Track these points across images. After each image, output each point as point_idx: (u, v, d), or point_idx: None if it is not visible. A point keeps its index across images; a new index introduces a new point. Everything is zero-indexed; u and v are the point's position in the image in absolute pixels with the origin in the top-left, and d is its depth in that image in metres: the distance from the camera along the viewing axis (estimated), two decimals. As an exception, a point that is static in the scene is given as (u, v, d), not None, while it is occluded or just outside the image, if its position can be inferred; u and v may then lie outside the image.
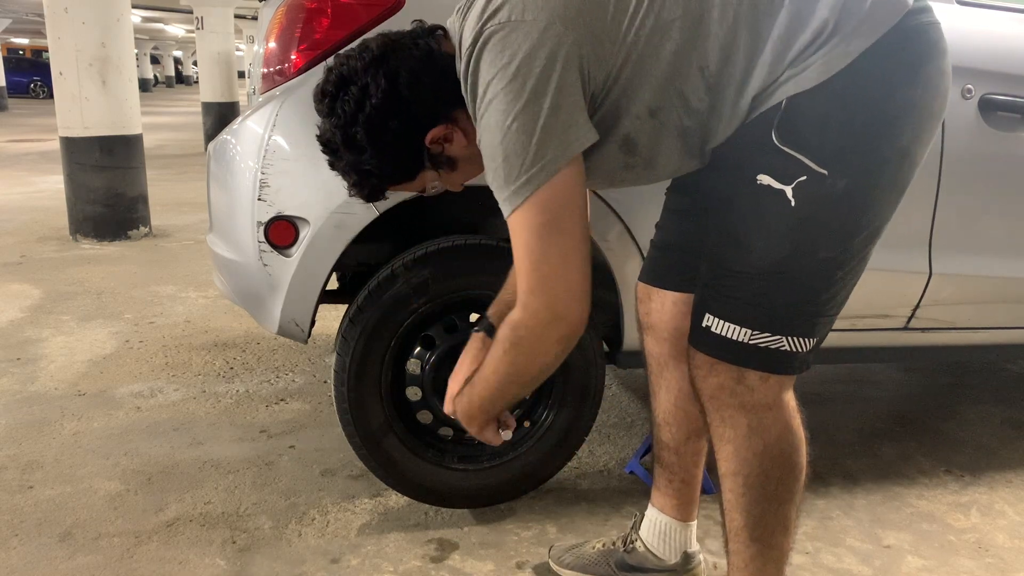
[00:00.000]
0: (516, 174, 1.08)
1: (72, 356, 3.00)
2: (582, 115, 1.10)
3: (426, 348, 1.85)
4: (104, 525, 1.88)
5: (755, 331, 1.17)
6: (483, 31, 1.08)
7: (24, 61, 29.08)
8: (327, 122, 1.21)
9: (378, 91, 1.15)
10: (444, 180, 1.28)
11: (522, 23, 1.06)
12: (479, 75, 1.09)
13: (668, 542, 1.61)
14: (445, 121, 1.20)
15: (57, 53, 4.78)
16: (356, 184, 1.24)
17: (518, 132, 1.06)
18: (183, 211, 6.01)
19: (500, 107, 1.07)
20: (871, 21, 1.08)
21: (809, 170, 1.10)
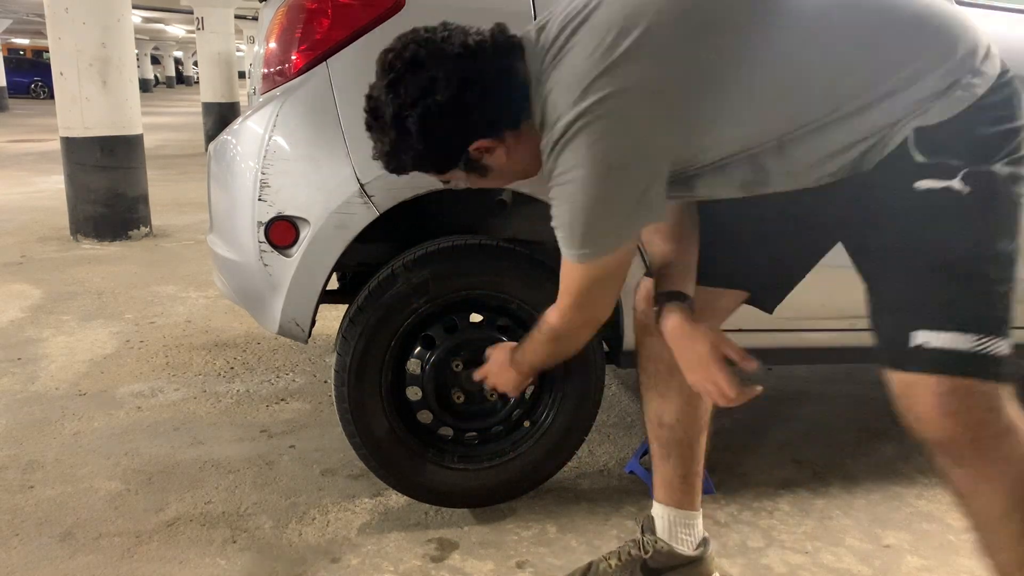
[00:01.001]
0: (589, 244, 1.19)
1: (73, 356, 3.00)
2: (662, 198, 1.18)
3: (426, 348, 1.86)
4: (105, 525, 1.88)
5: (976, 335, 1.11)
6: (586, 114, 1.11)
7: (25, 61, 29.08)
8: (385, 93, 1.20)
9: (445, 90, 1.16)
10: (470, 182, 1.33)
11: (629, 119, 1.11)
12: (568, 153, 1.14)
13: (688, 533, 1.61)
14: (494, 136, 1.23)
15: (57, 53, 4.78)
16: (386, 155, 1.26)
17: (603, 213, 1.16)
18: (183, 211, 6.01)
19: (590, 189, 1.14)
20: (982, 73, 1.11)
21: (967, 165, 1.10)
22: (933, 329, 1.13)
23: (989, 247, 1.12)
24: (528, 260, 1.80)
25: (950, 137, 1.10)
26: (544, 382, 1.92)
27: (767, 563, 1.76)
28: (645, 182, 1.15)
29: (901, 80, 1.11)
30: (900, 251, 1.17)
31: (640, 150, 1.12)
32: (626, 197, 1.15)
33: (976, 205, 1.10)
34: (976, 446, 1.14)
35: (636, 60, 1.11)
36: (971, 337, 1.11)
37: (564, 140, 1.14)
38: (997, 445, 1.14)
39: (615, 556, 1.66)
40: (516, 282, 1.80)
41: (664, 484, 1.62)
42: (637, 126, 1.11)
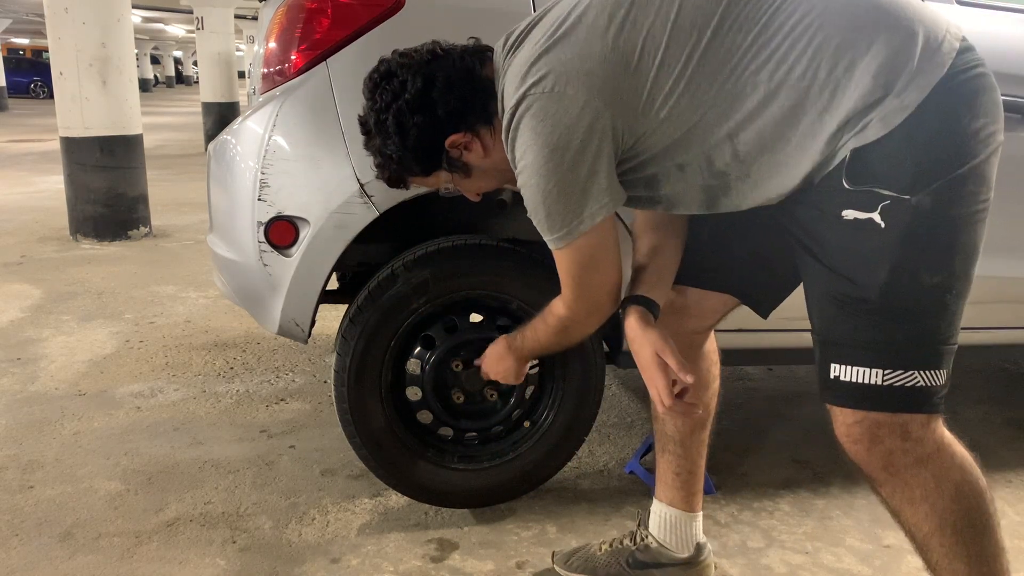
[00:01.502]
0: (558, 227, 1.24)
1: (72, 356, 3.00)
2: (614, 180, 1.23)
3: (426, 348, 1.85)
4: (104, 525, 1.88)
5: (886, 370, 1.14)
6: (526, 96, 1.18)
7: (24, 61, 29.08)
8: (367, 105, 1.34)
9: (413, 88, 1.27)
10: (457, 184, 1.39)
11: (564, 96, 1.16)
12: (519, 137, 1.20)
13: (680, 535, 1.62)
14: (466, 130, 1.30)
15: (57, 53, 4.78)
16: (380, 166, 1.37)
17: (558, 195, 1.20)
18: (183, 211, 6.01)
19: (541, 171, 1.19)
20: (921, 75, 1.09)
21: (891, 196, 1.10)
22: (846, 363, 1.17)
23: (909, 281, 1.12)
24: (528, 260, 1.80)
25: (881, 162, 1.10)
26: (544, 382, 1.92)
27: (767, 563, 1.76)
28: (589, 162, 1.18)
29: (838, 72, 1.10)
30: (825, 279, 1.18)
31: (578, 130, 1.16)
32: (575, 178, 1.19)
33: (893, 240, 1.11)
34: (891, 472, 1.19)
35: (568, 42, 1.17)
36: (882, 372, 1.14)
37: (512, 126, 1.21)
38: (917, 471, 1.18)
39: (609, 543, 1.69)
40: (516, 282, 1.80)
41: (661, 480, 1.64)
42: (572, 106, 1.15)
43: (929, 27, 1.12)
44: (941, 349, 1.15)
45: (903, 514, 1.22)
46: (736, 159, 1.18)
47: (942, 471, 1.18)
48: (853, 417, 1.18)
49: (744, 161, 1.18)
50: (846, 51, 1.11)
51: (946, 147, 1.11)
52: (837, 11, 1.13)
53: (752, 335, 1.92)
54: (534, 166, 1.19)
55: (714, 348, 1.58)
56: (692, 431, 1.57)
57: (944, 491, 1.18)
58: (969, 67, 1.13)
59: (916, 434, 1.17)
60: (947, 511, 1.18)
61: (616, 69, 1.16)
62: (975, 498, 1.19)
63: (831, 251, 1.17)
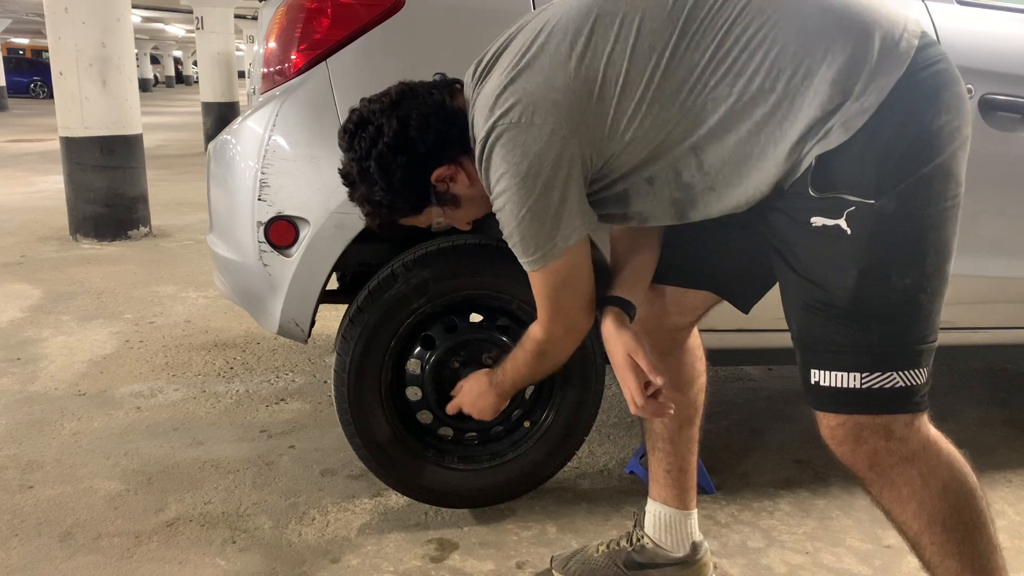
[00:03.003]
0: (531, 250, 1.27)
1: (72, 356, 3.00)
2: (585, 203, 1.26)
3: (426, 348, 1.85)
4: (104, 525, 1.88)
5: (864, 373, 1.15)
6: (495, 127, 1.20)
7: (24, 61, 29.08)
8: (346, 156, 1.36)
9: (390, 131, 1.29)
10: (448, 217, 1.41)
11: (531, 126, 1.19)
12: (492, 167, 1.23)
13: (675, 534, 1.62)
14: (449, 162, 1.33)
15: (57, 53, 4.78)
16: (369, 214, 1.38)
17: (531, 220, 1.23)
18: (183, 211, 6.01)
19: (514, 199, 1.22)
20: (880, 76, 1.10)
21: (855, 202, 1.11)
22: (823, 368, 1.18)
23: (876, 285, 1.13)
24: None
25: (845, 167, 1.11)
26: (544, 383, 1.91)
27: (767, 563, 1.76)
28: (560, 188, 1.21)
29: (796, 82, 1.11)
30: (798, 285, 1.19)
31: (547, 157, 1.19)
32: (547, 204, 1.22)
33: (859, 244, 1.12)
34: (877, 472, 1.20)
35: (533, 71, 1.20)
36: (860, 376, 1.15)
37: (484, 156, 1.24)
38: (903, 470, 1.19)
39: (606, 544, 1.69)
40: (516, 282, 1.79)
41: (653, 479, 1.64)
42: (540, 134, 1.18)
43: (885, 27, 1.12)
44: (919, 348, 1.16)
45: (893, 512, 1.23)
46: (701, 171, 1.21)
47: (929, 469, 1.19)
48: (836, 420, 1.19)
49: (708, 173, 1.20)
50: (802, 60, 1.12)
51: (910, 146, 1.11)
52: (791, 20, 1.14)
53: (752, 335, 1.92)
54: (507, 193, 1.22)
55: (699, 344, 1.59)
56: (680, 428, 1.57)
57: (931, 488, 1.18)
58: (930, 63, 1.12)
59: (900, 433, 1.17)
60: (935, 508, 1.19)
61: (580, 96, 1.18)
62: (964, 495, 1.19)
63: (802, 258, 1.18)
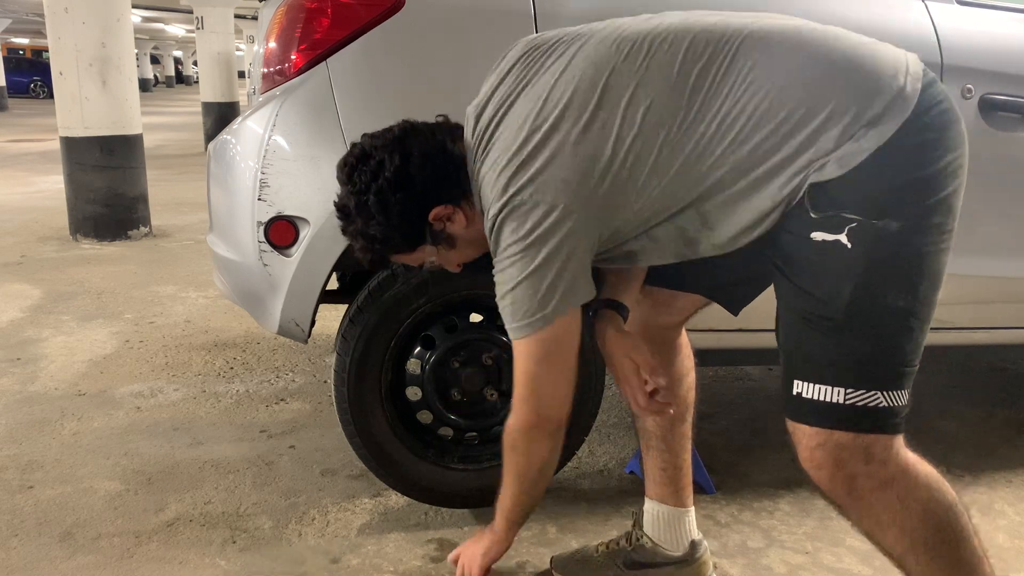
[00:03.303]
0: (520, 315, 1.27)
1: (72, 356, 3.00)
2: (585, 276, 1.27)
3: (426, 348, 1.85)
4: (104, 525, 1.88)
5: (848, 389, 1.14)
6: (506, 206, 1.23)
7: (24, 61, 29.09)
8: (344, 189, 1.36)
9: (391, 166, 1.30)
10: (442, 257, 1.41)
11: (541, 204, 1.21)
12: (502, 236, 1.25)
13: (673, 532, 1.63)
14: (447, 202, 1.34)
15: (57, 53, 4.78)
16: (362, 249, 1.38)
17: (526, 288, 1.25)
18: (183, 211, 6.01)
19: (516, 266, 1.24)
20: (882, 123, 1.11)
21: (857, 220, 1.11)
22: (808, 380, 1.17)
23: (873, 301, 1.13)
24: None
25: (842, 192, 1.12)
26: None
27: (767, 563, 1.76)
28: (561, 262, 1.23)
29: (802, 140, 1.13)
30: (794, 296, 1.19)
31: (553, 234, 1.21)
32: (544, 273, 1.23)
33: (858, 260, 1.12)
34: (856, 497, 1.18)
35: (544, 152, 1.21)
36: (844, 391, 1.14)
37: (495, 228, 1.26)
38: (882, 495, 1.17)
39: (605, 544, 1.70)
40: None
41: (649, 478, 1.65)
42: (549, 212, 1.20)
43: (888, 75, 1.14)
44: (903, 371, 1.15)
45: (874, 536, 1.21)
46: (706, 227, 1.23)
47: (906, 492, 1.17)
48: (816, 440, 1.17)
49: (713, 228, 1.23)
50: (808, 123, 1.13)
51: (914, 182, 1.12)
52: (795, 82, 1.15)
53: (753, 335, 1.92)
54: (510, 260, 1.25)
55: (687, 342, 1.60)
56: (672, 426, 1.59)
57: (911, 512, 1.17)
58: (935, 103, 1.14)
59: (879, 456, 1.16)
60: (916, 531, 1.17)
61: (589, 175, 1.21)
62: (944, 512, 1.18)
63: (798, 269, 1.18)
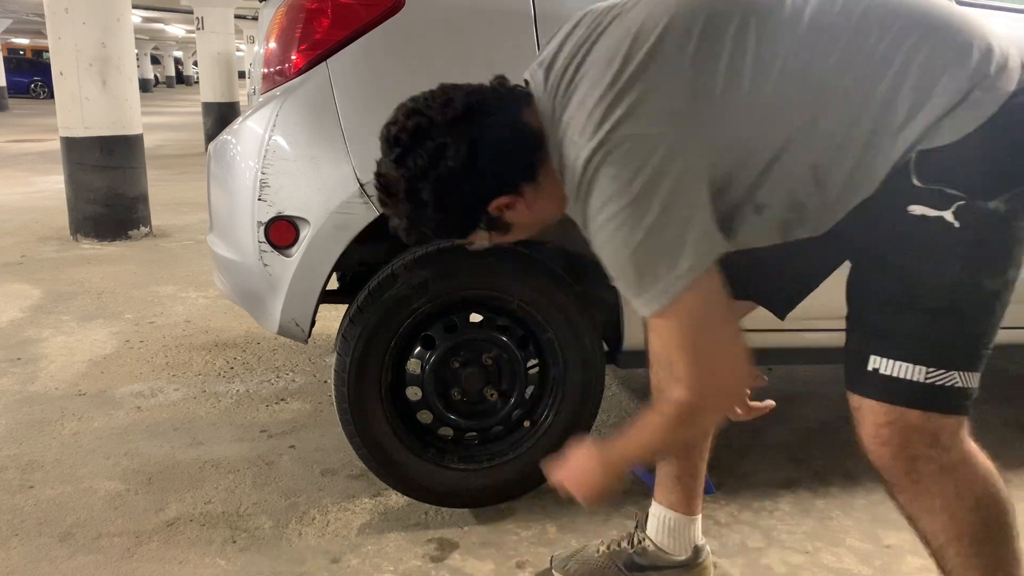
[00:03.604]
0: (652, 284, 1.08)
1: (72, 356, 3.00)
2: (712, 224, 1.10)
3: (426, 348, 1.85)
4: (104, 525, 1.88)
5: (930, 368, 1.10)
6: (602, 145, 1.06)
7: (24, 61, 29.08)
8: (393, 168, 1.15)
9: (456, 155, 1.11)
10: (493, 240, 1.26)
11: (648, 138, 1.06)
12: (595, 193, 1.08)
13: (678, 538, 1.62)
14: (511, 191, 1.17)
15: (57, 53, 4.78)
16: (405, 229, 1.21)
17: (650, 247, 1.06)
18: (183, 211, 6.01)
19: (626, 224, 1.06)
20: (994, 89, 1.07)
21: (964, 198, 1.07)
22: (889, 357, 1.13)
23: (971, 283, 1.10)
24: (528, 260, 1.80)
25: (952, 164, 1.07)
26: (544, 382, 1.92)
27: (767, 563, 1.76)
28: (684, 207, 1.07)
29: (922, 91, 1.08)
30: (881, 271, 1.15)
31: (668, 173, 1.05)
32: (667, 224, 1.06)
33: (965, 240, 1.08)
34: (914, 479, 1.15)
35: (644, 82, 1.07)
36: (925, 370, 1.11)
37: (588, 178, 1.09)
38: (940, 479, 1.15)
39: (606, 544, 1.69)
40: (516, 282, 1.80)
41: (660, 483, 1.63)
42: (658, 147, 1.06)
43: (1000, 45, 1.11)
44: (982, 353, 1.14)
45: (920, 521, 1.19)
46: (817, 187, 1.14)
47: (965, 481, 1.16)
48: (885, 417, 1.14)
49: (824, 187, 1.13)
50: (926, 72, 1.08)
51: (1017, 159, 1.09)
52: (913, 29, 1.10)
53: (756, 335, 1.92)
54: (616, 220, 1.07)
55: None
56: (700, 436, 1.56)
57: (965, 502, 1.15)
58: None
59: (945, 441, 1.14)
60: (966, 522, 1.16)
61: (699, 103, 1.08)
62: (995, 508, 1.17)
63: (890, 246, 1.13)
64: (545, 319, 1.82)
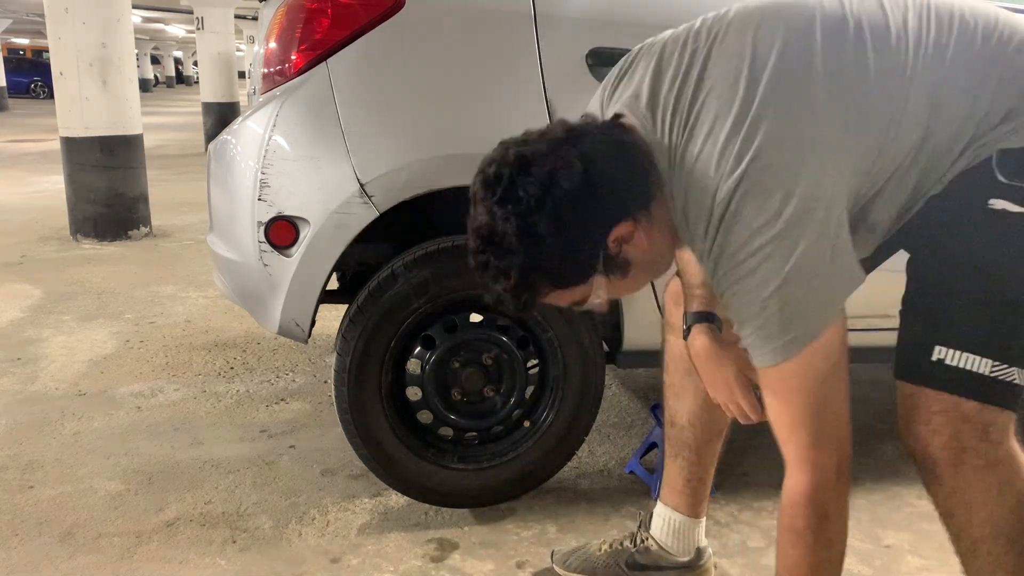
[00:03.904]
0: (791, 327, 1.03)
1: (72, 356, 3.00)
2: (853, 254, 1.06)
3: (426, 348, 1.85)
4: (104, 525, 1.88)
5: (996, 362, 1.09)
6: (749, 172, 1.00)
7: (24, 61, 29.09)
8: (496, 210, 1.01)
9: (571, 174, 1.00)
10: (611, 289, 1.12)
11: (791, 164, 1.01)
12: (738, 228, 1.01)
13: (683, 539, 1.62)
14: (630, 218, 1.06)
15: (57, 53, 4.78)
16: (515, 287, 1.05)
17: (797, 283, 1.01)
18: (183, 211, 6.01)
19: (773, 258, 1.00)
20: None
21: None
22: (954, 348, 1.11)
23: None
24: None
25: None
26: (544, 382, 1.92)
27: (767, 563, 1.76)
28: (832, 237, 1.02)
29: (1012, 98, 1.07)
30: (954, 263, 1.13)
31: (818, 197, 1.01)
32: (817, 257, 1.01)
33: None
34: (957, 471, 1.14)
35: (778, 105, 1.02)
36: (991, 363, 1.10)
37: (728, 215, 1.02)
38: (983, 475, 1.14)
39: (608, 543, 1.69)
40: None
41: (668, 485, 1.63)
42: (804, 170, 1.00)
43: None
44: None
45: (957, 517, 1.17)
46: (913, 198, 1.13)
47: (1008, 479, 1.15)
48: (941, 405, 1.12)
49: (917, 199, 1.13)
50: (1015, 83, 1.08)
51: None
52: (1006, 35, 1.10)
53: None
54: (762, 253, 1.00)
55: None
56: (709, 440, 1.56)
57: (1006, 500, 1.14)
58: None
59: (995, 436, 1.13)
60: (1003, 520, 1.15)
61: (836, 121, 1.04)
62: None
63: (968, 240, 1.12)
64: (545, 319, 1.82)
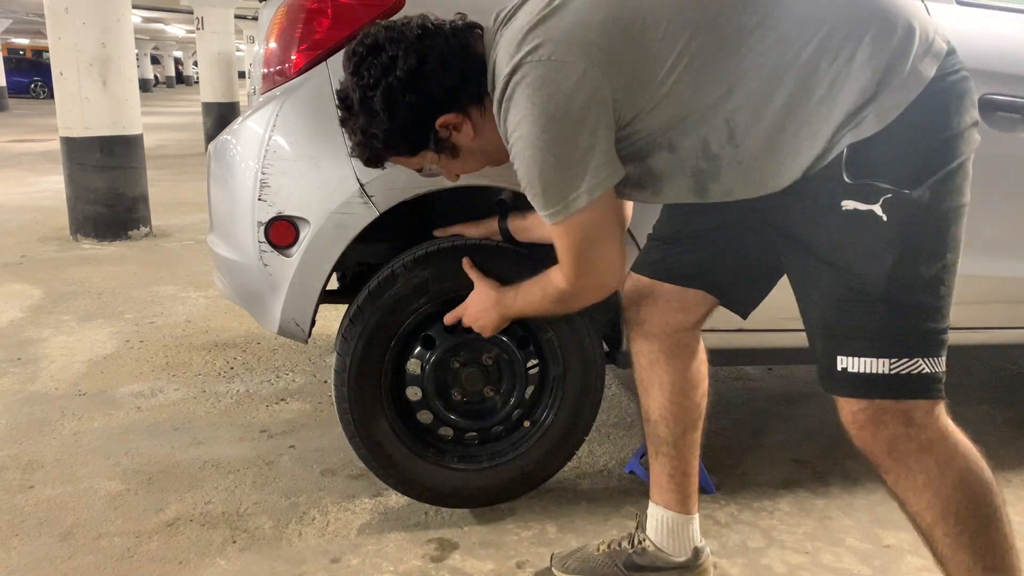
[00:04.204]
0: (553, 201, 1.20)
1: (72, 356, 3.00)
2: (612, 153, 1.20)
3: (426, 348, 1.85)
4: (104, 525, 1.88)
5: (892, 359, 1.16)
6: (521, 65, 1.14)
7: (24, 61, 29.10)
8: (350, 80, 1.28)
9: (405, 65, 1.22)
10: (443, 165, 1.36)
11: (562, 64, 1.13)
12: (513, 108, 1.16)
13: (677, 538, 1.62)
14: (457, 109, 1.27)
15: (57, 53, 4.78)
16: (359, 144, 1.32)
17: (555, 166, 1.17)
18: (183, 211, 6.01)
19: (536, 143, 1.15)
20: (915, 74, 1.12)
21: (891, 190, 1.12)
22: (851, 355, 1.18)
23: (910, 274, 1.14)
24: (528, 260, 1.80)
25: (878, 157, 1.12)
26: (544, 382, 1.92)
27: (767, 563, 1.76)
28: (588, 133, 1.15)
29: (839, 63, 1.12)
30: (823, 270, 1.19)
31: (576, 99, 1.13)
32: (573, 149, 1.16)
33: (895, 232, 1.13)
34: (895, 458, 1.20)
35: (567, 11, 1.15)
36: (888, 361, 1.16)
37: (506, 96, 1.17)
38: (920, 457, 1.19)
39: (607, 544, 1.69)
40: (515, 282, 1.80)
41: (655, 483, 1.64)
42: (570, 74, 1.12)
43: (923, 26, 1.15)
44: (940, 338, 1.18)
45: (908, 502, 1.23)
46: (732, 143, 1.18)
47: (945, 458, 1.20)
48: (858, 404, 1.20)
49: (739, 145, 1.18)
50: (847, 42, 1.12)
51: (940, 144, 1.13)
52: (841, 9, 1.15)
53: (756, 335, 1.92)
54: (529, 137, 1.16)
55: (703, 348, 1.59)
56: (684, 432, 1.57)
57: (947, 478, 1.19)
58: (956, 69, 1.16)
59: (920, 420, 1.18)
60: (950, 499, 1.19)
61: (617, 40, 1.14)
62: (979, 488, 1.20)
63: (828, 243, 1.18)
64: (545, 319, 1.82)
